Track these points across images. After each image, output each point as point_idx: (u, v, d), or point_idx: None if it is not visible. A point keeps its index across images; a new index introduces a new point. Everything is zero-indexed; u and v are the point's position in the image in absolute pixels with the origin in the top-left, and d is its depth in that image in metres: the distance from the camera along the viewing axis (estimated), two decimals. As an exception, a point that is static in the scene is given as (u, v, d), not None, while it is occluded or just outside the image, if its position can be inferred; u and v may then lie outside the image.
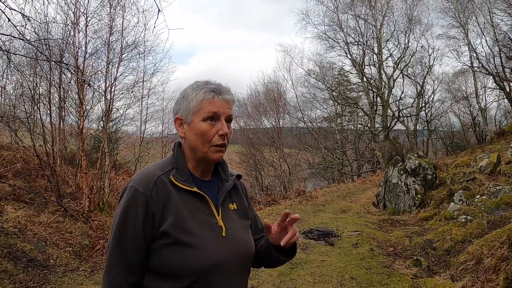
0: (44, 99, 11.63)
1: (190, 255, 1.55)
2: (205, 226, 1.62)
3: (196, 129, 1.65)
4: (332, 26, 26.95)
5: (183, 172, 1.67)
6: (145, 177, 1.63)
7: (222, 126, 1.66)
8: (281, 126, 28.22)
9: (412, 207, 9.71)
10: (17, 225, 6.77)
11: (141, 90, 14.81)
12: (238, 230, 1.74)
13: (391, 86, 26.20)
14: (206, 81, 1.72)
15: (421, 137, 29.98)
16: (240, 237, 1.73)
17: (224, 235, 1.65)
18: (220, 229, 1.65)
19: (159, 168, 1.68)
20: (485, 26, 24.28)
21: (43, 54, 7.91)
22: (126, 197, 1.61)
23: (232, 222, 1.73)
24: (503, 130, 20.80)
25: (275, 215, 10.75)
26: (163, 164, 1.71)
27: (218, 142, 1.65)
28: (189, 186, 1.64)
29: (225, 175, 1.81)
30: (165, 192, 1.60)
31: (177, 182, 1.63)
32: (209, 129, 1.64)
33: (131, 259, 1.57)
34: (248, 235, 1.82)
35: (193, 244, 1.56)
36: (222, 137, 1.66)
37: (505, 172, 9.38)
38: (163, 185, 1.61)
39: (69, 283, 5.75)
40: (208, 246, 1.59)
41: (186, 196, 1.64)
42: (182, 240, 1.56)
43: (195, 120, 1.66)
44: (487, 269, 5.10)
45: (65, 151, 12.85)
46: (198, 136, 1.65)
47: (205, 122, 1.64)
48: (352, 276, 5.75)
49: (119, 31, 11.04)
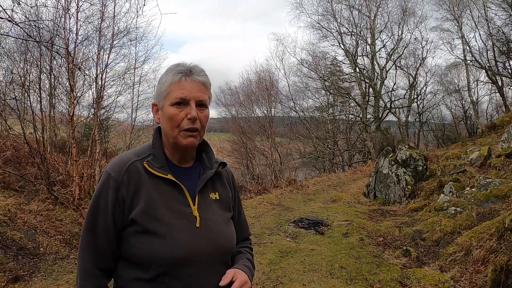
0: (35, 86, 11.52)
1: (157, 245, 1.49)
2: (177, 215, 1.56)
3: (165, 113, 1.59)
4: (326, 16, 26.90)
5: (159, 159, 1.61)
6: (119, 162, 1.60)
7: (191, 110, 1.56)
8: (272, 115, 28.15)
9: (402, 198, 9.76)
10: (7, 213, 6.68)
11: (132, 77, 14.69)
12: (216, 221, 1.64)
13: (384, 77, 26.25)
14: (177, 63, 1.64)
15: (413, 129, 30.14)
16: (217, 229, 1.63)
17: (198, 226, 1.57)
18: (194, 219, 1.58)
19: (135, 154, 1.64)
20: (479, 20, 24.36)
21: (32, 38, 7.77)
22: (100, 182, 1.59)
23: (210, 212, 1.64)
24: (494, 123, 20.91)
25: (265, 203, 10.77)
26: (141, 150, 1.67)
27: (187, 126, 1.57)
28: (163, 173, 1.58)
29: (209, 162, 1.72)
30: (137, 178, 1.56)
31: (151, 168, 1.58)
32: (177, 113, 1.57)
33: (101, 245, 1.55)
34: (228, 227, 1.71)
35: (161, 233, 1.50)
36: (191, 121, 1.57)
37: (495, 165, 9.43)
38: (136, 171, 1.57)
39: (59, 271, 5.71)
40: (178, 236, 1.52)
41: (160, 184, 1.58)
42: (150, 228, 1.50)
43: (165, 105, 1.59)
44: (475, 261, 5.13)
45: (56, 138, 12.78)
46: (167, 122, 1.59)
47: (173, 107, 1.57)
48: (342, 265, 5.76)
49: (111, 17, 10.89)
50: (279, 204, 10.78)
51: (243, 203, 10.00)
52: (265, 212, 9.71)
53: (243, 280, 1.59)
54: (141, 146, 1.74)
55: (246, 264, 1.73)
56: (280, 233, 7.63)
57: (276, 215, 9.16)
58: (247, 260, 1.78)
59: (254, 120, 29.23)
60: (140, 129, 16.25)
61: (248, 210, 9.86)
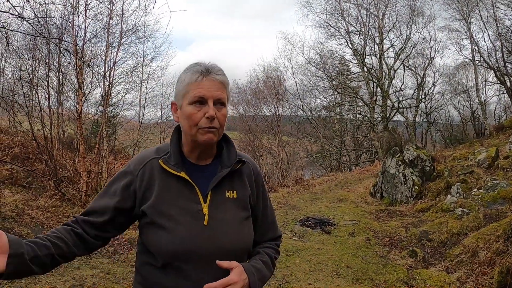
0: (43, 83, 11.59)
1: (162, 238, 1.56)
2: (185, 212, 1.59)
3: (184, 112, 1.61)
4: (334, 15, 26.87)
5: (175, 157, 1.65)
6: (140, 158, 1.72)
7: (209, 109, 1.57)
8: (280, 114, 28.20)
9: (409, 198, 9.74)
10: (14, 209, 6.73)
11: (140, 75, 14.80)
12: (227, 220, 1.63)
13: (392, 77, 26.15)
14: (196, 63, 1.65)
15: (420, 129, 30.04)
16: (226, 228, 1.62)
17: (206, 224, 1.58)
18: (203, 216, 1.59)
19: (156, 152, 1.72)
20: (488, 20, 24.22)
21: (41, 34, 7.80)
22: (120, 171, 1.74)
23: (223, 211, 1.64)
24: (502, 124, 20.81)
25: (272, 202, 10.71)
26: (161, 148, 1.74)
27: (205, 125, 1.58)
28: (176, 171, 1.61)
29: (229, 159, 1.70)
30: (151, 175, 1.64)
31: (166, 166, 1.63)
32: (195, 112, 1.58)
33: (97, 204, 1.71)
34: (241, 227, 1.68)
35: (166, 227, 1.56)
36: (209, 120, 1.57)
37: (503, 166, 9.40)
38: (151, 168, 1.66)
39: (65, 267, 5.73)
40: (181, 231, 1.55)
41: (172, 181, 1.62)
42: (157, 221, 1.58)
43: (184, 103, 1.61)
44: (482, 262, 5.12)
45: (63, 135, 12.86)
46: (186, 120, 1.60)
47: (192, 106, 1.58)
48: (348, 265, 5.78)
49: (119, 15, 10.99)
50: (285, 203, 10.79)
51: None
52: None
53: (232, 279, 1.53)
54: (164, 143, 1.83)
55: (255, 264, 1.69)
56: (286, 232, 7.64)
57: (282, 214, 9.17)
58: (260, 260, 1.73)
59: (262, 119, 29.29)
60: (148, 127, 16.33)
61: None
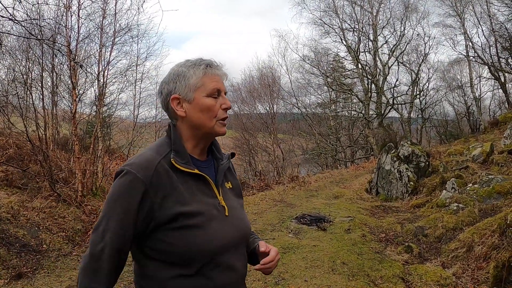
0: (37, 84, 11.55)
1: (199, 237, 1.52)
2: (209, 207, 1.60)
3: (201, 104, 1.62)
4: (328, 12, 26.91)
5: (183, 154, 1.61)
6: (144, 162, 1.54)
7: (225, 100, 1.67)
8: (275, 112, 28.17)
9: (405, 194, 9.76)
10: (10, 211, 6.69)
11: (134, 74, 14.74)
12: (237, 208, 1.75)
13: (386, 73, 26.23)
14: (199, 58, 1.69)
15: (415, 125, 30.13)
16: (241, 216, 1.76)
17: (227, 215, 1.65)
18: (223, 209, 1.65)
19: (157, 152, 1.59)
20: (481, 16, 24.29)
21: (33, 36, 7.74)
22: (123, 182, 1.50)
23: (231, 201, 1.74)
24: (497, 120, 20.84)
25: (268, 200, 10.77)
26: (160, 147, 1.63)
27: (223, 116, 1.65)
28: (190, 168, 1.59)
29: (219, 153, 1.79)
30: (167, 178, 1.54)
31: (178, 165, 1.56)
32: (214, 104, 1.63)
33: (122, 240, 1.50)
34: (244, 212, 1.84)
35: (200, 225, 1.54)
36: (225, 110, 1.66)
37: (497, 161, 9.42)
38: (164, 171, 1.54)
39: (62, 268, 5.72)
40: (215, 226, 1.58)
41: (187, 179, 1.59)
42: (188, 223, 1.51)
43: (198, 96, 1.62)
44: (477, 257, 5.13)
45: (58, 136, 12.82)
46: (204, 112, 1.62)
47: (210, 98, 1.63)
48: (344, 261, 5.77)
49: (112, 14, 10.91)
50: (281, 200, 10.78)
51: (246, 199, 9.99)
52: (268, 208, 9.71)
53: (276, 250, 1.79)
54: (155, 143, 1.71)
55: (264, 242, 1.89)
56: (282, 229, 7.63)
57: (278, 212, 9.16)
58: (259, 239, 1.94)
59: (257, 117, 29.26)
60: (142, 126, 16.28)
61: (250, 206, 9.86)
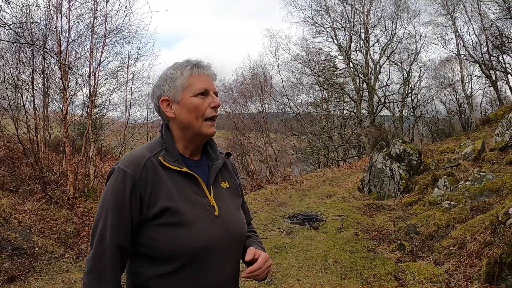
0: (28, 86, 11.46)
1: (181, 236, 1.51)
2: (197, 206, 1.59)
3: (188, 104, 1.63)
4: (319, 11, 26.88)
5: (173, 153, 1.64)
6: (134, 159, 1.60)
7: (213, 98, 1.67)
8: (267, 111, 28.20)
9: (397, 192, 9.77)
10: (1, 214, 6.66)
11: (125, 75, 14.68)
12: (230, 209, 1.72)
13: (378, 72, 26.28)
14: (186, 60, 1.71)
15: (407, 123, 30.19)
16: (233, 217, 1.71)
17: (217, 215, 1.63)
18: (213, 208, 1.63)
19: (148, 150, 1.65)
20: (472, 14, 24.40)
21: (23, 38, 7.66)
22: (113, 179, 1.56)
23: (225, 201, 1.71)
24: (488, 117, 20.94)
25: (260, 199, 10.75)
26: (152, 146, 1.68)
27: (211, 114, 1.65)
28: (178, 167, 1.61)
29: (214, 153, 1.79)
30: (154, 174, 1.57)
31: (166, 163, 1.59)
32: (201, 103, 1.64)
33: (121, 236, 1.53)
34: (240, 214, 1.80)
35: (184, 224, 1.53)
36: (215, 109, 1.67)
37: (489, 159, 9.45)
38: (153, 167, 1.58)
39: (54, 271, 5.69)
40: (200, 226, 1.56)
41: (176, 177, 1.61)
42: (172, 220, 1.52)
43: (185, 96, 1.64)
44: (470, 254, 5.13)
45: (49, 138, 12.74)
46: (191, 112, 1.63)
47: (197, 97, 1.64)
48: (336, 260, 5.75)
49: (103, 15, 10.83)
50: (274, 200, 10.77)
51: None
52: (260, 208, 9.69)
53: (265, 256, 1.70)
54: (148, 142, 1.77)
55: (261, 246, 1.85)
56: (274, 228, 7.61)
57: (271, 211, 9.14)
58: (259, 242, 1.88)
59: (248, 117, 29.23)
60: (134, 127, 16.23)
61: (242, 206, 9.83)
